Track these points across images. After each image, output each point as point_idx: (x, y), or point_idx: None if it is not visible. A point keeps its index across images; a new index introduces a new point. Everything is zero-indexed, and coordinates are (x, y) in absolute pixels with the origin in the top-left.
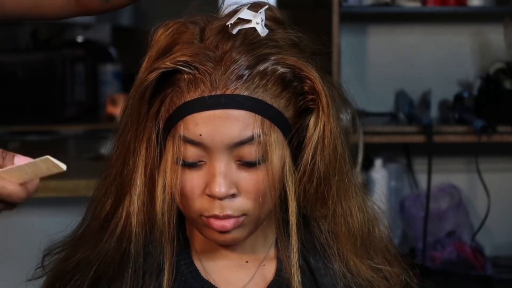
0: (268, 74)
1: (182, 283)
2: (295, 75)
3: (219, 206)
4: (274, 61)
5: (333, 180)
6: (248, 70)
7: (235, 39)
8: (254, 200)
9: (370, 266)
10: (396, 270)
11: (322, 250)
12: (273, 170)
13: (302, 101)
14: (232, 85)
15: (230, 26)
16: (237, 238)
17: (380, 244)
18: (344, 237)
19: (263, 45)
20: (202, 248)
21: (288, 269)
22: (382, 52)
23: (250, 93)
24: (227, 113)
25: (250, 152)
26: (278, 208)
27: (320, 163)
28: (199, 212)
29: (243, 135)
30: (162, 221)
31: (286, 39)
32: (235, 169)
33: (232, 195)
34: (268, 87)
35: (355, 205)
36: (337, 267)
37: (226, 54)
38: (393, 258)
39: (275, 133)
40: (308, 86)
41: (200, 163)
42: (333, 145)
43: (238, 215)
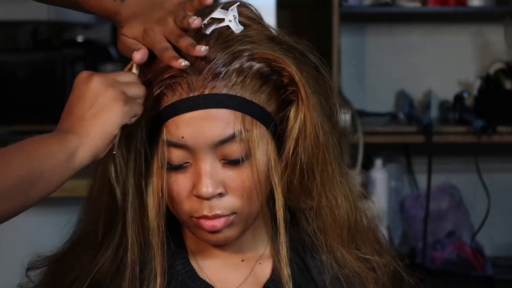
0: (245, 70)
1: (179, 283)
2: (272, 69)
3: (207, 206)
4: (249, 56)
5: (317, 170)
6: (224, 68)
7: (209, 39)
8: (242, 197)
9: (357, 256)
10: (384, 261)
11: (310, 242)
12: (257, 166)
13: (284, 94)
14: (210, 84)
15: (203, 26)
16: (229, 237)
17: (368, 234)
18: (331, 227)
19: (237, 42)
20: (197, 248)
21: (278, 264)
22: (382, 52)
23: (228, 91)
24: (207, 113)
25: (233, 150)
26: (266, 204)
27: (302, 154)
28: (189, 214)
29: (224, 133)
30: (152, 227)
31: (261, 34)
32: (221, 168)
33: (219, 194)
34: (246, 83)
35: (341, 195)
36: (324, 258)
37: None
38: (382, 248)
39: (258, 128)
40: (287, 79)
41: (186, 164)
42: (315, 135)
43: (228, 213)
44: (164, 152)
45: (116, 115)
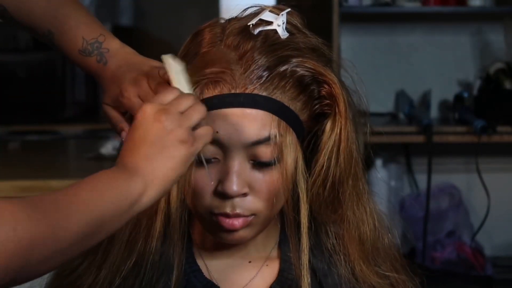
0: (288, 76)
1: (185, 282)
2: (313, 79)
3: (230, 205)
4: (295, 63)
5: (347, 185)
6: (268, 71)
7: (256, 39)
8: (265, 200)
9: (377, 272)
10: (403, 278)
11: (328, 255)
12: (287, 171)
13: (317, 105)
14: (251, 84)
15: (251, 26)
16: (244, 237)
17: (388, 251)
18: (354, 242)
19: (284, 47)
20: (206, 247)
21: (297, 271)
22: (382, 52)
23: (269, 94)
24: (245, 112)
25: (265, 152)
26: (291, 210)
27: (335, 167)
28: (209, 209)
29: (260, 134)
30: (175, 217)
31: (306, 43)
32: (249, 169)
33: (243, 194)
34: (286, 89)
35: (367, 211)
36: (342, 271)
37: (247, 53)
38: (400, 266)
39: (290, 135)
40: (325, 91)
41: (214, 160)
42: (349, 150)
43: (248, 214)
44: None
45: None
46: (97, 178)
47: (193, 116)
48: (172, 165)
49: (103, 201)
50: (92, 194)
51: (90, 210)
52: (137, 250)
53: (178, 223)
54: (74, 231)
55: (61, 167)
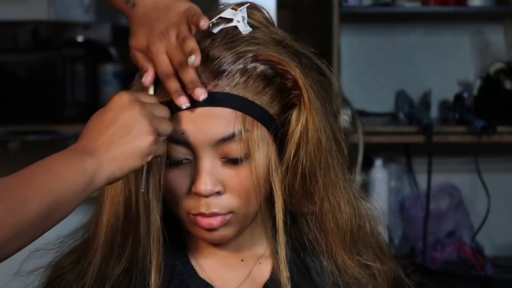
0: (249, 71)
1: (179, 282)
2: (276, 71)
3: (205, 204)
4: (253, 57)
5: (319, 175)
6: (228, 67)
7: (215, 37)
8: (240, 197)
9: (358, 262)
10: (386, 268)
11: (311, 247)
12: (257, 167)
13: (287, 97)
14: (212, 82)
15: (211, 25)
16: (224, 236)
17: (371, 240)
18: (333, 232)
19: (243, 43)
20: (198, 247)
21: (276, 266)
22: (382, 52)
23: (230, 90)
24: (208, 111)
25: (233, 149)
26: (264, 205)
27: (304, 158)
28: (186, 210)
29: (224, 132)
30: (146, 222)
31: (268, 36)
32: (220, 167)
33: (217, 192)
34: (249, 83)
35: (344, 200)
36: (325, 263)
37: (205, 52)
38: (385, 255)
39: (258, 129)
40: (291, 82)
41: (185, 161)
42: (317, 140)
43: (225, 212)
44: (165, 146)
45: (144, 149)
46: (53, 159)
47: (163, 124)
48: (129, 154)
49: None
50: (48, 176)
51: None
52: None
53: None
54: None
55: None
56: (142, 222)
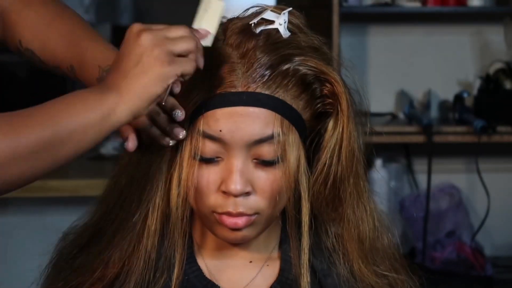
0: (290, 75)
1: (185, 282)
2: (316, 78)
3: (233, 203)
4: (297, 62)
5: (348, 183)
6: (271, 69)
7: (258, 38)
8: (268, 199)
9: (375, 272)
10: (402, 278)
11: (328, 254)
12: (289, 170)
13: (319, 104)
14: (254, 83)
15: (253, 25)
16: (247, 236)
17: (388, 251)
18: (352, 241)
19: (286, 46)
20: (207, 246)
21: (297, 270)
22: (382, 52)
23: (271, 92)
24: (248, 111)
25: (268, 151)
26: (292, 208)
27: (337, 165)
28: (212, 208)
29: (263, 133)
30: (176, 215)
31: (308, 42)
32: (252, 168)
33: (246, 193)
34: (289, 87)
35: (368, 210)
36: (341, 271)
37: (249, 52)
38: (400, 266)
39: (293, 133)
40: (327, 90)
41: (217, 159)
42: (351, 148)
43: (251, 213)
44: (199, 142)
45: (158, 75)
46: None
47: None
48: (144, 81)
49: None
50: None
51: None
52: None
53: (179, 222)
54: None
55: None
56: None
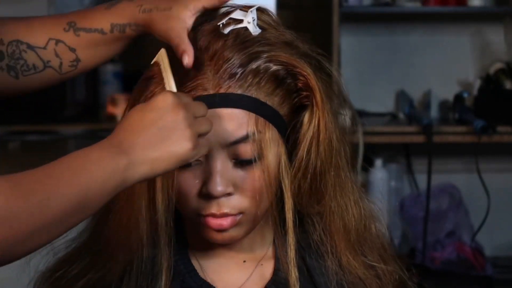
0: (261, 72)
1: (180, 283)
2: (288, 72)
3: (216, 205)
4: (266, 58)
5: (329, 175)
6: (241, 69)
7: (226, 38)
8: (250, 198)
9: (363, 263)
10: (390, 268)
11: (316, 247)
12: (268, 167)
13: (296, 98)
14: (225, 84)
15: (221, 26)
16: (234, 236)
17: (376, 241)
18: (339, 233)
19: (255, 43)
20: (200, 247)
21: (285, 267)
22: (382, 52)
23: (244, 92)
24: (221, 112)
25: (245, 151)
26: (275, 206)
27: (315, 158)
28: (196, 211)
29: (238, 134)
30: (160, 222)
31: (279, 38)
32: (231, 168)
33: (228, 193)
34: (261, 85)
35: (352, 200)
36: (329, 264)
37: (218, 53)
38: (389, 256)
39: (270, 130)
40: (302, 83)
41: (196, 162)
42: (328, 141)
43: (235, 213)
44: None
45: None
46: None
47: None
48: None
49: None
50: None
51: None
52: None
53: (164, 228)
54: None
55: None
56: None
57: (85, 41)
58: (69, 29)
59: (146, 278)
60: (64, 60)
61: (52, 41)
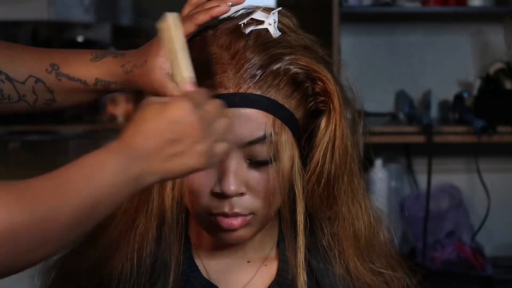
0: (281, 74)
1: (183, 282)
2: (307, 76)
3: (228, 204)
4: (288, 61)
5: (342, 181)
6: (261, 70)
7: (248, 38)
8: (262, 199)
9: (371, 269)
10: (398, 275)
11: (323, 252)
12: (283, 169)
13: (312, 102)
14: (245, 84)
15: (242, 26)
16: (243, 236)
17: (384, 248)
18: (348, 239)
19: (276, 45)
20: (204, 247)
21: (293, 269)
22: (382, 52)
23: (263, 93)
24: (240, 112)
25: (261, 152)
26: (287, 208)
27: (330, 163)
28: (207, 210)
29: (255, 134)
30: (171, 219)
31: (298, 41)
32: (246, 168)
33: (241, 193)
34: (280, 87)
35: (362, 207)
36: (337, 269)
37: (239, 53)
38: (396, 263)
39: (286, 133)
40: (319, 88)
41: None
42: (344, 146)
43: (247, 213)
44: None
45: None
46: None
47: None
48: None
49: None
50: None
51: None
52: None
53: (174, 225)
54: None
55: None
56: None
57: (65, 86)
58: (51, 71)
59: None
60: (39, 98)
61: (32, 79)
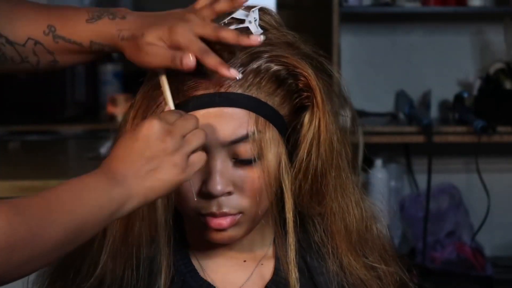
0: (262, 72)
1: (181, 283)
2: (289, 72)
3: (216, 204)
4: (267, 58)
5: (330, 176)
6: (242, 68)
7: None
8: (250, 197)
9: (364, 264)
10: (392, 270)
11: (317, 248)
12: (268, 167)
13: (297, 98)
14: (226, 83)
15: (223, 25)
16: (233, 236)
17: (377, 242)
18: (340, 234)
19: None
20: (200, 247)
21: (285, 267)
22: (382, 52)
23: (244, 91)
24: (222, 111)
25: (245, 150)
26: (275, 206)
27: (316, 159)
28: (196, 211)
29: (238, 133)
30: (160, 221)
31: (280, 38)
32: (231, 167)
33: (228, 192)
34: (262, 84)
35: (353, 201)
36: (330, 265)
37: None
38: (390, 257)
39: (270, 130)
40: (302, 83)
41: None
42: (329, 141)
43: (235, 212)
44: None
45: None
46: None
47: (193, 142)
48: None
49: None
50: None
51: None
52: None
53: (163, 227)
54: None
55: (61, 167)
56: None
57: (63, 48)
58: (48, 33)
59: (145, 277)
60: (42, 59)
61: (31, 41)
